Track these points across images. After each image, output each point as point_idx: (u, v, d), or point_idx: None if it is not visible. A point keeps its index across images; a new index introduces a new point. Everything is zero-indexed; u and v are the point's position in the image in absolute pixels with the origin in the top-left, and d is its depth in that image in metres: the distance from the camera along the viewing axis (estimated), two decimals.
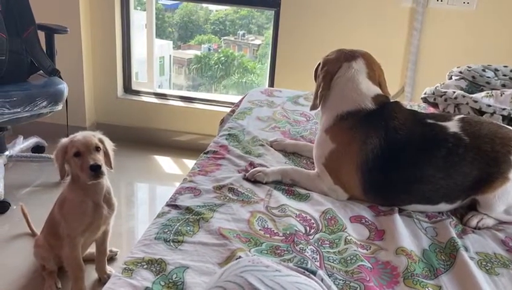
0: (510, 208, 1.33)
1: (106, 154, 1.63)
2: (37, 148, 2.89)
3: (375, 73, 1.48)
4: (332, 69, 1.47)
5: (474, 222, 1.31)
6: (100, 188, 1.66)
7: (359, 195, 1.40)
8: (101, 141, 1.61)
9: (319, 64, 1.53)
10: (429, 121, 1.39)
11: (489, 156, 1.31)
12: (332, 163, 1.41)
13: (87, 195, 1.64)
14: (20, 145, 2.75)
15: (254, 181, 1.42)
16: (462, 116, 1.41)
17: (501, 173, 1.30)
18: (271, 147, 1.68)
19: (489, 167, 1.31)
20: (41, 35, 2.54)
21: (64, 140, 1.61)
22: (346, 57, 1.47)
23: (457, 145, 1.32)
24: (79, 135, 1.60)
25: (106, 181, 1.68)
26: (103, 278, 1.85)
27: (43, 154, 2.83)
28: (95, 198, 1.65)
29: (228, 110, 2.19)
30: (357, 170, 1.36)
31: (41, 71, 2.55)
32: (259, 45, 3.83)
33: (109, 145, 1.66)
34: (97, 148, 1.58)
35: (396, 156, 1.35)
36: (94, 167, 1.54)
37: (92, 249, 1.88)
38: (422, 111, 1.88)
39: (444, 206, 1.35)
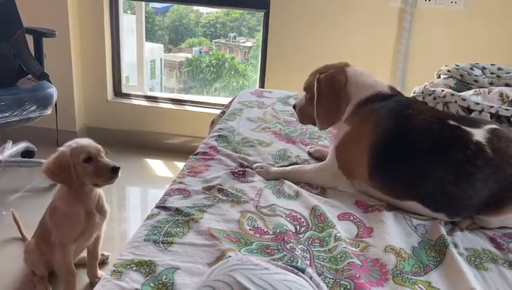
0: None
1: None
2: (27, 153, 2.86)
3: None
4: (341, 77, 1.47)
5: (464, 225, 1.29)
6: (94, 196, 1.65)
7: (364, 178, 1.38)
8: None
9: (313, 82, 1.49)
10: (451, 122, 1.31)
11: (508, 180, 1.22)
12: (343, 144, 1.43)
13: (80, 203, 1.62)
14: (9, 150, 2.72)
15: (244, 181, 1.43)
16: (494, 127, 1.29)
17: None
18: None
19: (503, 190, 1.22)
20: (29, 38, 2.52)
21: (64, 149, 1.57)
22: (343, 64, 1.52)
23: (476, 156, 1.23)
24: (81, 141, 1.58)
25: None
26: (94, 282, 1.83)
27: (32, 159, 2.81)
28: (88, 206, 1.64)
29: (219, 112, 2.19)
30: (367, 150, 1.36)
31: (30, 75, 2.53)
32: (250, 47, 3.83)
33: None
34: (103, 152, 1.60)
35: (406, 145, 1.32)
36: (116, 169, 1.55)
37: (83, 253, 1.87)
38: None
39: (441, 217, 1.29)
